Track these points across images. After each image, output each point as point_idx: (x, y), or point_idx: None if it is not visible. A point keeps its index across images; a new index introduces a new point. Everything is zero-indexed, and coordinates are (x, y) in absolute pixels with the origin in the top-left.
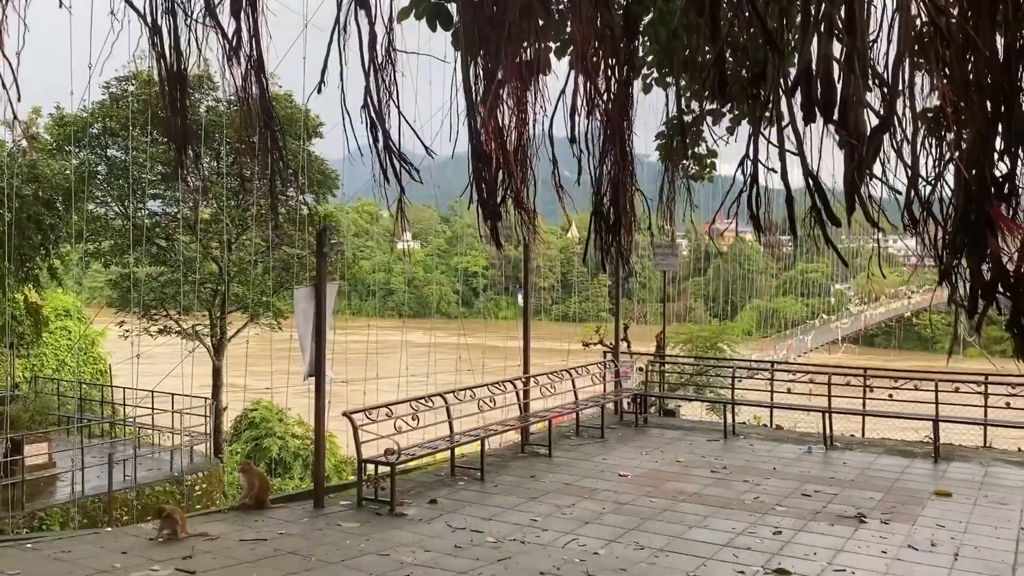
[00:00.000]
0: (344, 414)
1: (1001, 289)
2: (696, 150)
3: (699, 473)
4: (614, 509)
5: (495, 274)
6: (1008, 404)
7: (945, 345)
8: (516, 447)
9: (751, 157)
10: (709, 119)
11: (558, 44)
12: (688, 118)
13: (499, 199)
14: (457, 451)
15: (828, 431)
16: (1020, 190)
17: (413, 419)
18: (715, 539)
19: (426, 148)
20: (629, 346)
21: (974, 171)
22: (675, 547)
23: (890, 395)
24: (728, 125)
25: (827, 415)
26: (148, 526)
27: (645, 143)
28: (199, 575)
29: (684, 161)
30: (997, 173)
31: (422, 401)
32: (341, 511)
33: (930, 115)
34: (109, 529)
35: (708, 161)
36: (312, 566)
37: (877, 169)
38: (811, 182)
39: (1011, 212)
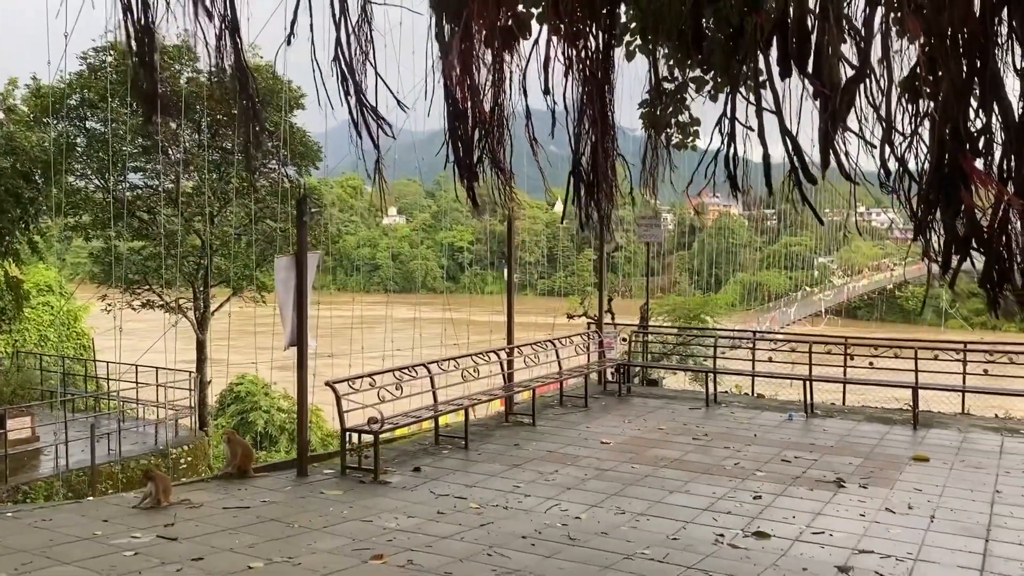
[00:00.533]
0: (327, 383)
1: (975, 245)
2: (680, 118)
3: (680, 440)
4: (596, 475)
5: (481, 249)
6: (986, 371)
7: (927, 317)
8: (500, 417)
9: (728, 116)
10: (692, 87)
11: (539, 10)
12: (671, 86)
13: (475, 158)
14: (441, 420)
15: (809, 399)
16: (995, 144)
17: (397, 389)
18: (695, 503)
19: (399, 103)
20: (613, 318)
21: (948, 125)
22: (656, 511)
23: (871, 363)
24: (710, 91)
25: (808, 383)
26: (130, 495)
27: (630, 116)
28: (181, 541)
29: (668, 130)
30: (972, 129)
31: (405, 371)
32: (324, 479)
33: (908, 81)
34: (91, 498)
35: (691, 129)
36: (294, 532)
37: (853, 125)
38: (788, 140)
39: (986, 166)
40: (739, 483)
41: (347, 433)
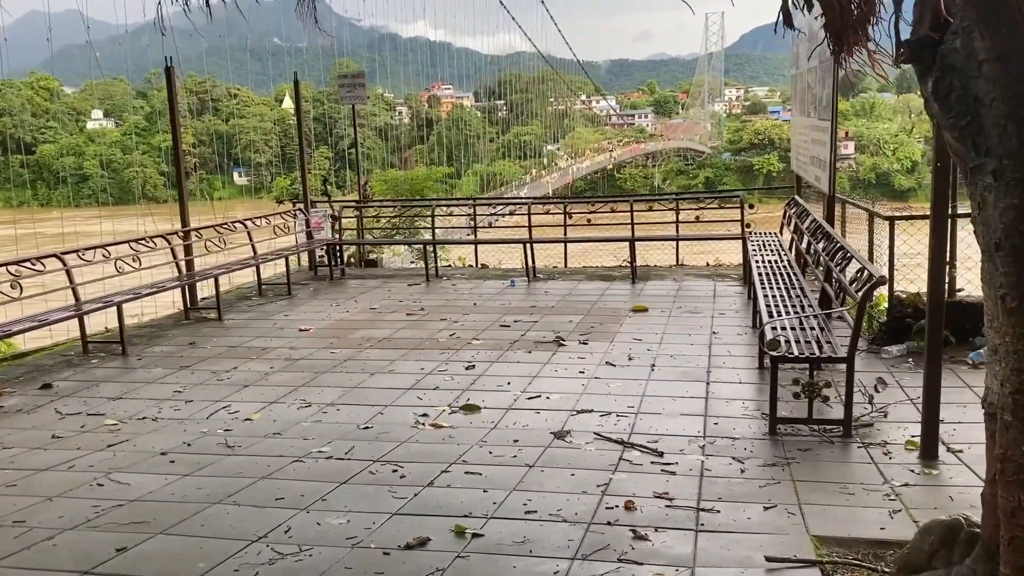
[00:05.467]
0: None
1: None
2: None
3: (393, 318)
4: (284, 367)
5: (205, 151)
6: (698, 218)
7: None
8: (181, 315)
9: None
10: None
11: None
12: None
13: None
14: (100, 326)
15: (531, 263)
16: None
17: (13, 288)
18: (399, 383)
19: None
20: (330, 198)
21: None
22: (349, 399)
23: (588, 220)
24: None
25: (528, 246)
26: None
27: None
28: None
29: None
30: None
31: (26, 264)
32: None
33: None
34: None
35: None
36: None
37: None
38: None
39: None
40: (452, 355)
41: None
